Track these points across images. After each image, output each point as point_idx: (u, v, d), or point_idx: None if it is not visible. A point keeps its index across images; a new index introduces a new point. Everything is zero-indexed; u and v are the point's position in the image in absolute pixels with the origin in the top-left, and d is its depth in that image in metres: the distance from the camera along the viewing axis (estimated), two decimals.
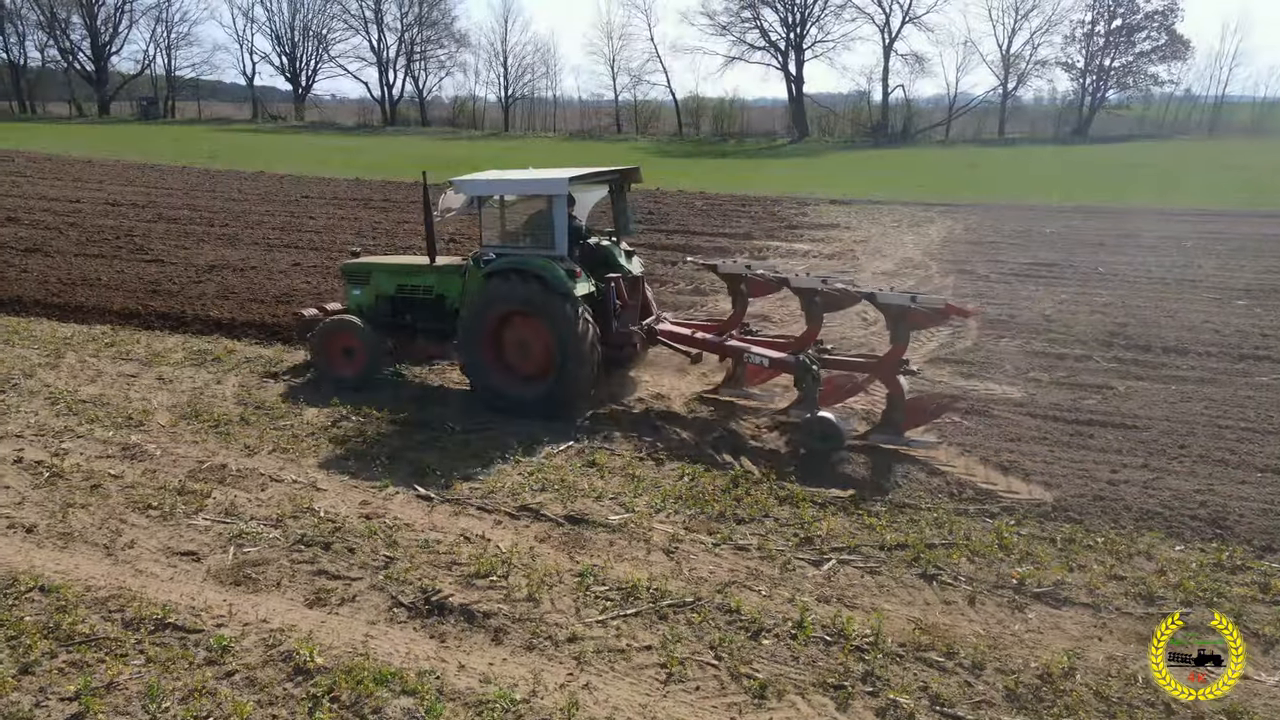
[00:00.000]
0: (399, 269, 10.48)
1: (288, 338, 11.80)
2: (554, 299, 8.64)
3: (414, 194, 29.90)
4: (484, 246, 9.36)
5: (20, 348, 11.55)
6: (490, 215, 9.44)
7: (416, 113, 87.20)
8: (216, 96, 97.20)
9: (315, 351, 10.28)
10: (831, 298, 8.94)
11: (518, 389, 9.19)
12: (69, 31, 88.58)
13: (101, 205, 25.40)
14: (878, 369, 8.61)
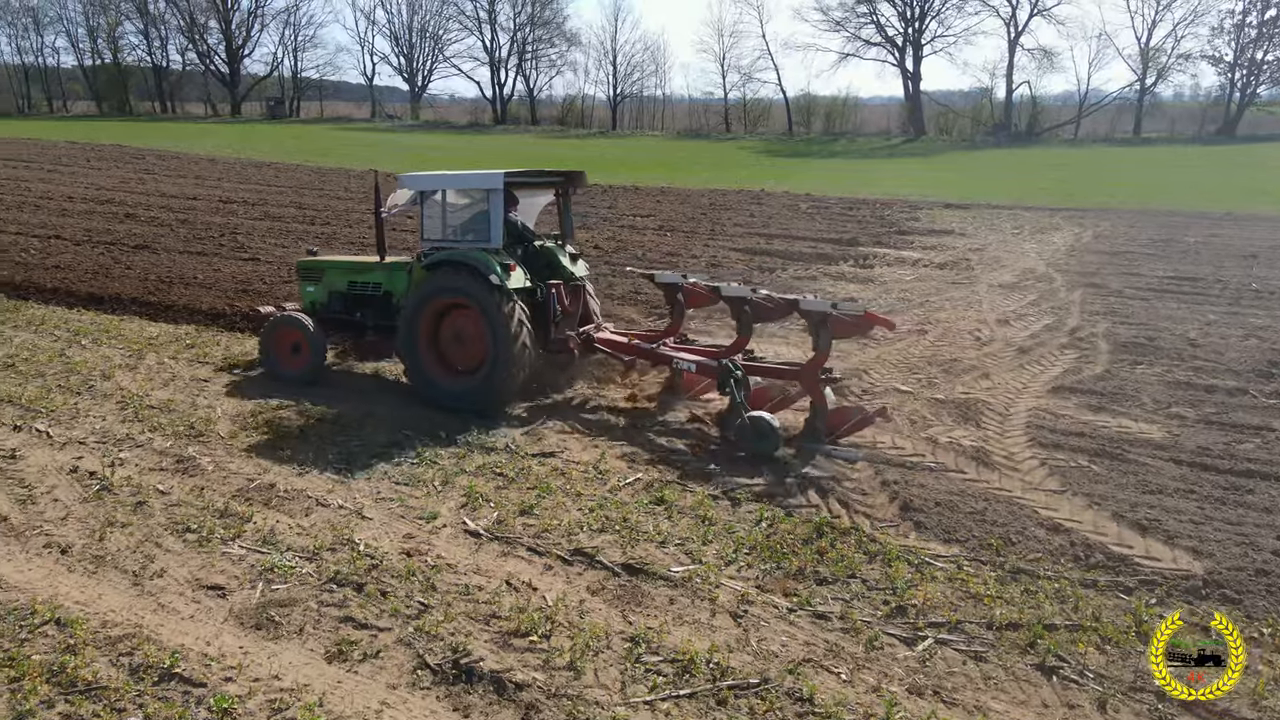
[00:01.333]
0: (350, 266, 10.66)
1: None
2: (485, 289, 8.69)
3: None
4: (424, 240, 9.58)
5: (107, 347, 11.58)
6: (432, 210, 9.50)
7: (526, 111, 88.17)
8: (338, 96, 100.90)
9: (263, 348, 10.44)
10: (761, 307, 8.93)
11: (451, 382, 9.30)
12: (206, 35, 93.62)
13: (215, 203, 26.15)
14: (800, 377, 8.53)
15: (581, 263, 10.17)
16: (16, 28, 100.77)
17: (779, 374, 8.85)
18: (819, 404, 8.35)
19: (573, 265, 9.94)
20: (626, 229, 22.37)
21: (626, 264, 16.65)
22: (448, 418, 9.12)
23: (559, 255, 9.88)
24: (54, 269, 16.39)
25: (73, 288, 14.84)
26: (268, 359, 10.41)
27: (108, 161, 37.29)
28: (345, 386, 10.29)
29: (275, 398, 9.72)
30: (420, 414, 9.20)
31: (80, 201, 25.86)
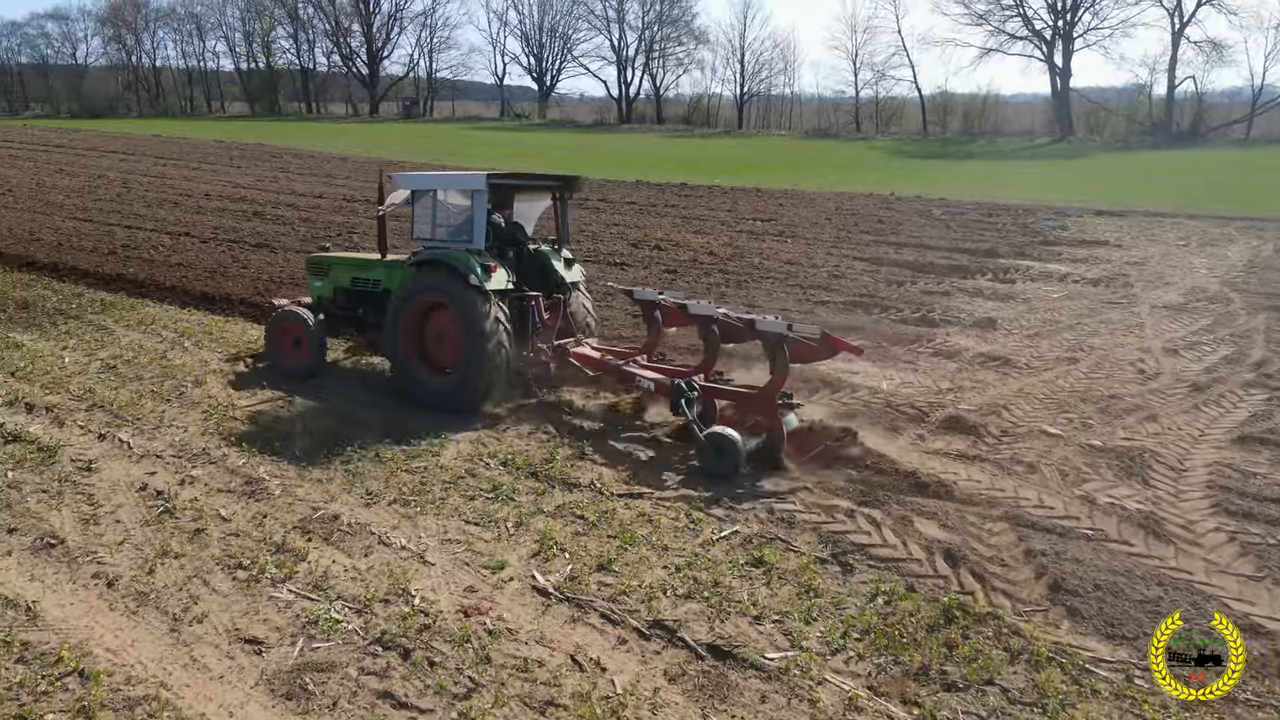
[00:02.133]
0: (353, 263, 10.86)
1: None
2: (463, 289, 8.73)
3: (634, 194, 29.13)
4: (414, 239, 9.72)
5: (207, 350, 11.47)
6: (423, 210, 9.59)
7: (652, 110, 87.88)
8: (469, 96, 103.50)
9: (267, 342, 10.72)
10: (729, 327, 8.60)
11: (431, 380, 9.39)
12: (349, 39, 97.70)
13: (338, 201, 26.62)
14: (756, 401, 8.16)
15: (577, 268, 10.17)
16: (182, 34, 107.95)
17: (738, 397, 8.43)
18: (775, 429, 7.88)
19: (567, 271, 9.94)
20: (745, 234, 21.31)
21: (737, 271, 15.68)
22: (529, 444, 8.41)
23: (553, 260, 9.91)
24: (176, 266, 16.74)
25: (189, 286, 15.01)
26: (270, 353, 10.66)
27: (249, 160, 38.92)
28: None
29: (360, 411, 9.27)
30: (497, 437, 8.53)
31: (215, 199, 26.82)
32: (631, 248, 19.34)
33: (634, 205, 26.43)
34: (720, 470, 7.65)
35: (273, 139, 51.47)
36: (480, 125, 77.89)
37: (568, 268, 9.99)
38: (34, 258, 17.17)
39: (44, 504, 7.09)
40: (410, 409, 9.35)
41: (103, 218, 22.77)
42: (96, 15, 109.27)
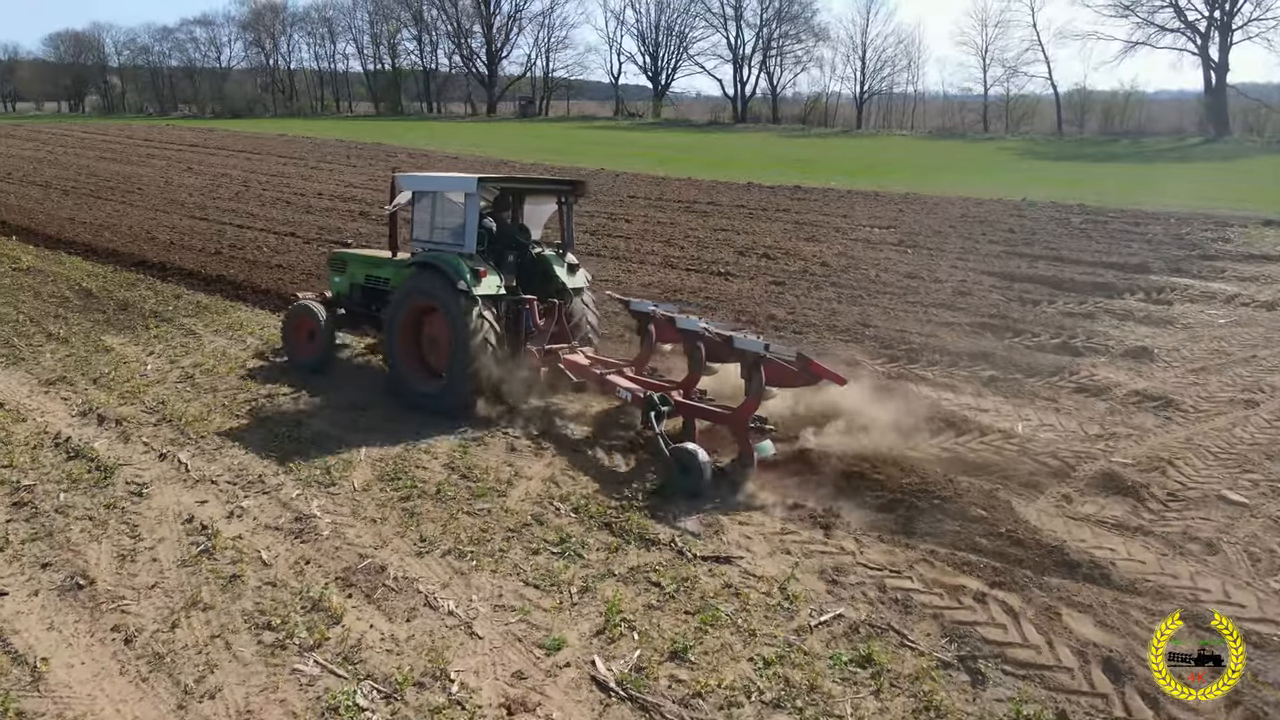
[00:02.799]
0: (367, 260, 10.91)
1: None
2: (450, 293, 8.71)
3: (744, 197, 27.99)
4: (414, 240, 9.78)
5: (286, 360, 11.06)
6: (421, 211, 9.67)
7: (768, 109, 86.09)
8: (584, 95, 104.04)
9: (283, 334, 10.91)
10: (713, 345, 8.22)
11: (423, 383, 9.35)
12: (470, 39, 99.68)
13: None
14: (729, 423, 7.79)
15: (582, 274, 10.01)
16: (315, 37, 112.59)
17: (713, 416, 8.03)
18: (745, 454, 7.51)
19: (570, 276, 9.82)
20: (860, 243, 19.87)
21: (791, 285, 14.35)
22: (606, 485, 7.49)
23: (554, 265, 9.79)
24: (275, 268, 16.66)
25: (284, 289, 14.79)
26: (285, 344, 10.88)
27: (365, 159, 39.63)
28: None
29: (429, 434, 8.56)
30: (573, 475, 7.66)
31: (326, 198, 27.13)
32: (738, 256, 18.23)
33: (743, 209, 25.27)
34: (684, 489, 7.26)
35: (390, 139, 52.57)
36: (592, 124, 77.90)
37: (571, 273, 9.86)
38: (145, 256, 17.42)
39: (86, 534, 6.62)
40: (483, 439, 8.59)
41: (217, 216, 23.23)
42: (239, 20, 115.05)
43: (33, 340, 11.77)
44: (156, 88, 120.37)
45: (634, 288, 15.12)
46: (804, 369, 7.35)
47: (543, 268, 9.81)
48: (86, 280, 15.28)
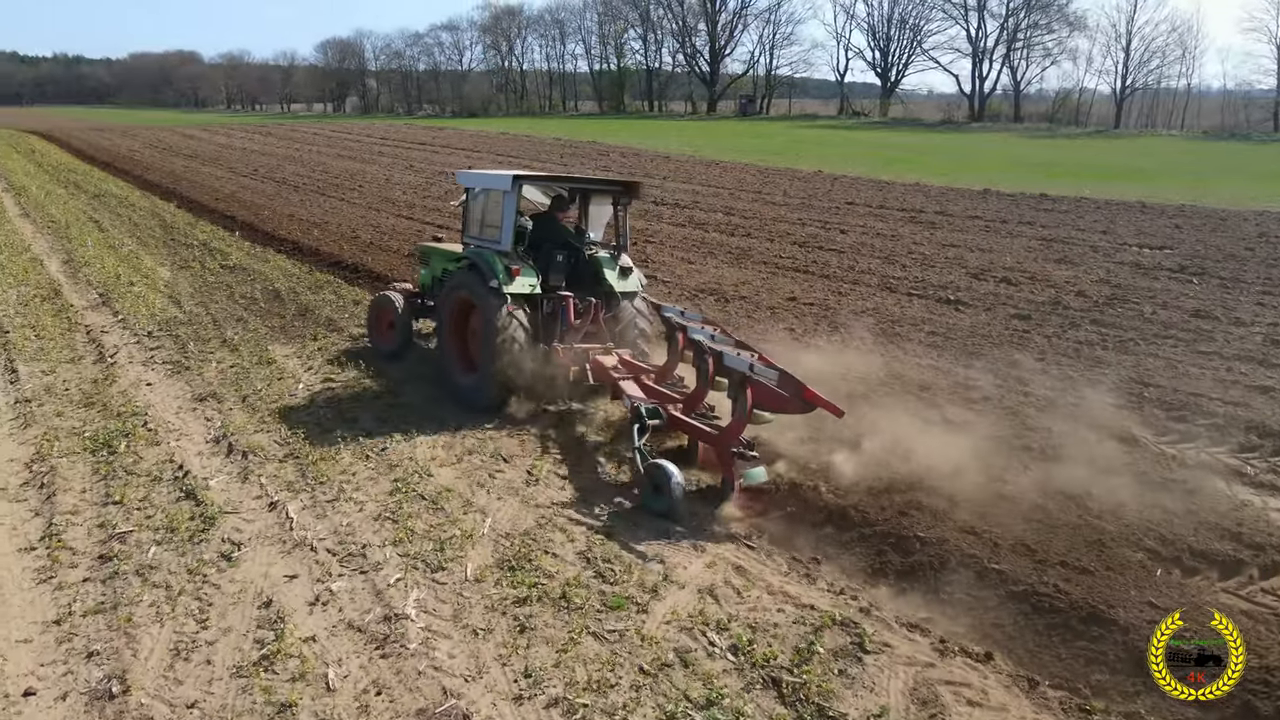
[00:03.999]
0: (446, 255, 10.77)
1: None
2: (484, 290, 8.78)
3: (979, 206, 24.79)
4: (465, 237, 9.98)
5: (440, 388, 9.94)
6: (473, 208, 9.85)
7: (1009, 107, 79.17)
8: (806, 93, 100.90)
9: (368, 324, 11.31)
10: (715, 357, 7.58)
11: (462, 376, 9.40)
12: (694, 38, 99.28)
13: (647, 204, 25.24)
14: (714, 443, 7.27)
15: (635, 277, 9.69)
16: (547, 38, 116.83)
17: (702, 435, 7.63)
18: (728, 478, 7.05)
19: (621, 280, 9.56)
20: (1127, 267, 16.43)
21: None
22: (782, 609, 5.56)
23: (606, 268, 9.55)
24: None
25: None
26: (369, 331, 11.25)
27: (575, 159, 39.42)
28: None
29: (574, 508, 7.01)
30: (738, 592, 5.78)
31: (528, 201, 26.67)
32: (971, 279, 15.49)
33: (979, 221, 22.14)
34: (655, 510, 6.87)
35: (606, 137, 52.54)
36: (814, 124, 74.84)
37: (623, 277, 9.58)
38: (341, 257, 17.27)
39: (152, 611, 5.57)
40: (637, 519, 6.92)
41: (422, 215, 23.22)
42: (480, 24, 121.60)
43: (206, 346, 11.44)
44: (406, 89, 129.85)
45: (842, 314, 12.95)
46: (796, 395, 6.77)
47: (594, 270, 9.62)
48: (281, 280, 15.17)
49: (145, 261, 16.97)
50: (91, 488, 7.36)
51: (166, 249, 18.25)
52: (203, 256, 17.31)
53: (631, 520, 6.83)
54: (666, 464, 6.96)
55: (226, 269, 16.20)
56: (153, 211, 23.42)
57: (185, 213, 23.46)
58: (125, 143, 50.61)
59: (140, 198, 26.42)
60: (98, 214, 23.03)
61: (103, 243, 18.83)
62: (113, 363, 10.75)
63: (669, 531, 6.67)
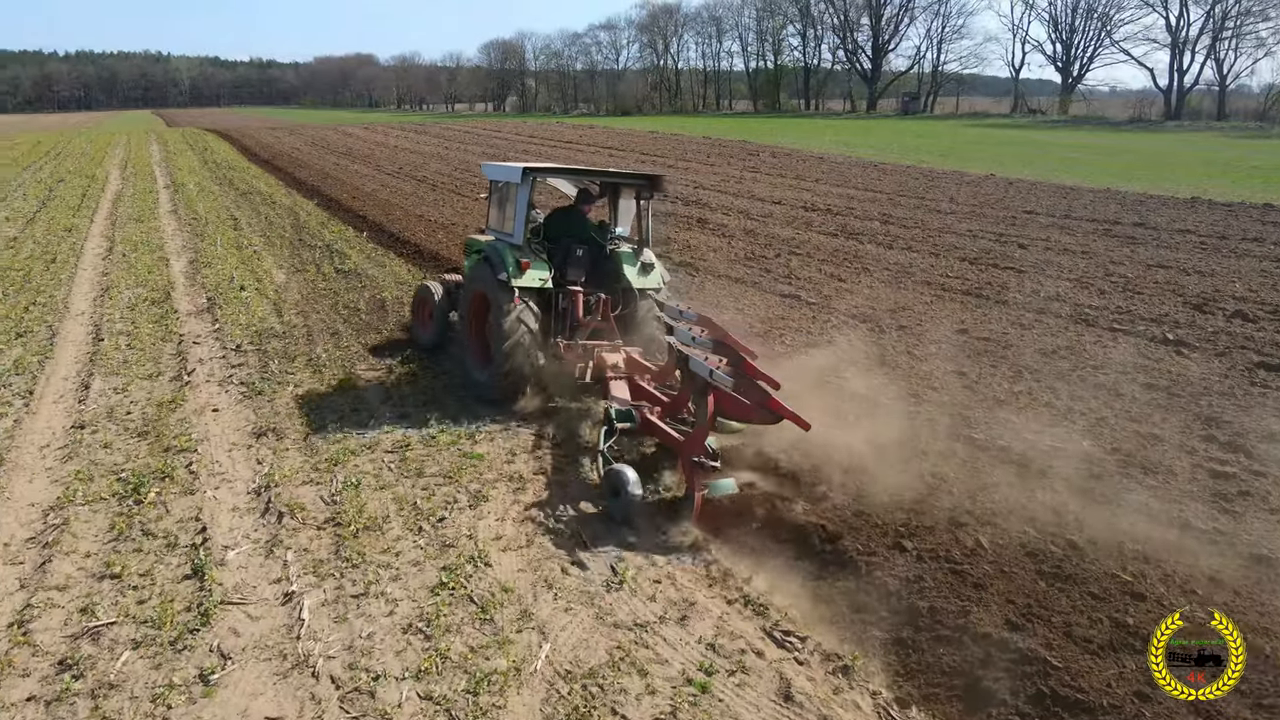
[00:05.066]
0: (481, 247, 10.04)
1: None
2: (493, 283, 8.66)
3: (1187, 217, 21.25)
4: (487, 229, 9.95)
5: (532, 436, 8.35)
6: (494, 200, 9.76)
7: (1212, 104, 71.15)
8: (975, 90, 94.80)
9: (411, 312, 11.48)
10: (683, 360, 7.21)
11: (478, 370, 9.17)
12: (856, 33, 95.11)
13: (795, 209, 23.06)
14: (679, 450, 6.93)
15: (656, 273, 9.31)
16: (703, 36, 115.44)
17: (670, 441, 7.22)
18: (690, 488, 6.53)
19: (642, 276, 9.19)
20: None
21: None
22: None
23: (626, 263, 9.21)
24: None
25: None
26: (412, 321, 11.45)
27: (723, 159, 37.50)
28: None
29: (668, 624, 5.21)
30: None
31: (669, 201, 25.02)
32: (1193, 311, 12.58)
33: (1190, 236, 18.73)
34: (614, 514, 6.56)
35: (758, 137, 50.35)
36: (983, 122, 69.73)
37: (643, 273, 9.24)
38: (459, 264, 16.12)
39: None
40: (745, 659, 5.04)
41: None
42: (637, 23, 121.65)
43: (290, 365, 10.36)
44: (563, 88, 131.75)
45: (1027, 354, 10.53)
46: (760, 405, 6.50)
47: (614, 265, 9.27)
48: (390, 289, 14.11)
49: (265, 263, 16.41)
50: (97, 551, 6.17)
51: (290, 250, 17.71)
52: (321, 259, 16.59)
53: (745, 669, 4.95)
54: (625, 469, 6.61)
55: (340, 273, 15.34)
56: (291, 210, 23.28)
57: (322, 211, 23.20)
58: (290, 140, 52.69)
59: (284, 195, 26.56)
60: (239, 211, 23.10)
61: (232, 242, 18.54)
62: (187, 381, 9.80)
63: (790, 686, 4.76)
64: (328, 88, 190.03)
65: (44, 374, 10.11)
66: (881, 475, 6.89)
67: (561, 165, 9.91)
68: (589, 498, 7.04)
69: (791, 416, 6.33)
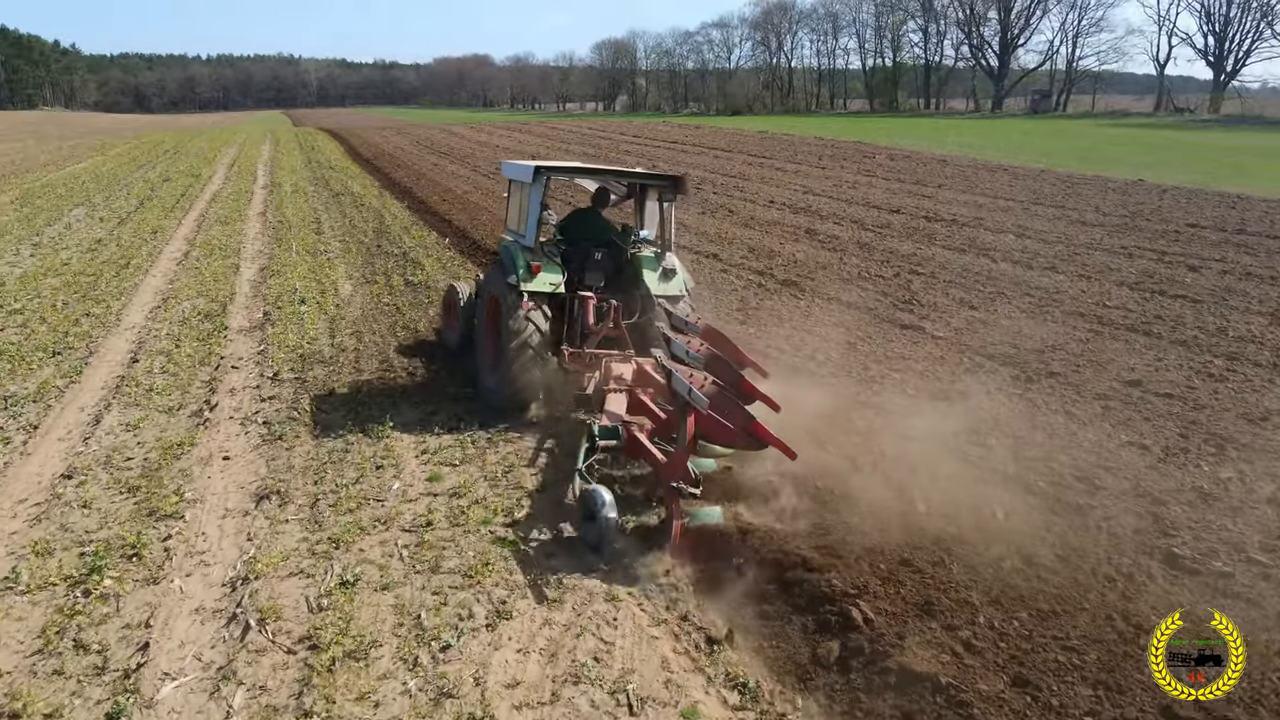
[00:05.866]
0: None
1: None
2: (503, 286, 8.44)
3: None
4: (506, 230, 9.57)
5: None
6: (512, 200, 9.45)
7: None
8: (1113, 88, 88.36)
9: (441, 312, 11.29)
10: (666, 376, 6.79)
11: (488, 376, 8.84)
12: (983, 27, 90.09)
13: (916, 219, 20.73)
14: (661, 472, 6.30)
15: (678, 280, 8.70)
16: (818, 33, 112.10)
17: (654, 462, 6.57)
18: (670, 513, 5.97)
19: (663, 282, 8.62)
20: None
21: None
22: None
23: (647, 268, 8.69)
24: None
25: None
26: (442, 322, 11.17)
27: (836, 161, 35.10)
28: None
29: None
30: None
31: (776, 207, 23.04)
32: None
33: None
34: (586, 540, 6.05)
35: (873, 137, 47.53)
36: (1123, 122, 64.51)
37: (665, 279, 8.63)
38: None
39: None
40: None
41: None
42: (751, 21, 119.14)
43: (327, 400, 9.05)
44: (673, 87, 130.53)
45: (1226, 419, 8.23)
46: (743, 429, 5.83)
47: (634, 270, 8.83)
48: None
49: (335, 272, 15.37)
50: (10, 670, 4.83)
51: (364, 258, 16.64)
52: (394, 269, 15.43)
53: None
54: (600, 491, 6.05)
55: (409, 286, 14.11)
56: (378, 213, 22.41)
57: (408, 214, 22.25)
58: (395, 140, 52.90)
59: (375, 197, 25.82)
60: (326, 214, 22.38)
61: (309, 247, 17.65)
62: (207, 419, 8.57)
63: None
64: (445, 88, 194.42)
65: (61, 402, 9.08)
66: (1045, 602, 4.97)
67: (579, 164, 9.44)
68: (621, 620, 5.32)
69: (777, 443, 5.76)
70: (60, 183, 31.17)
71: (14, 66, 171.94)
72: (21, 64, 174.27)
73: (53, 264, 16.13)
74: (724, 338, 7.50)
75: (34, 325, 11.94)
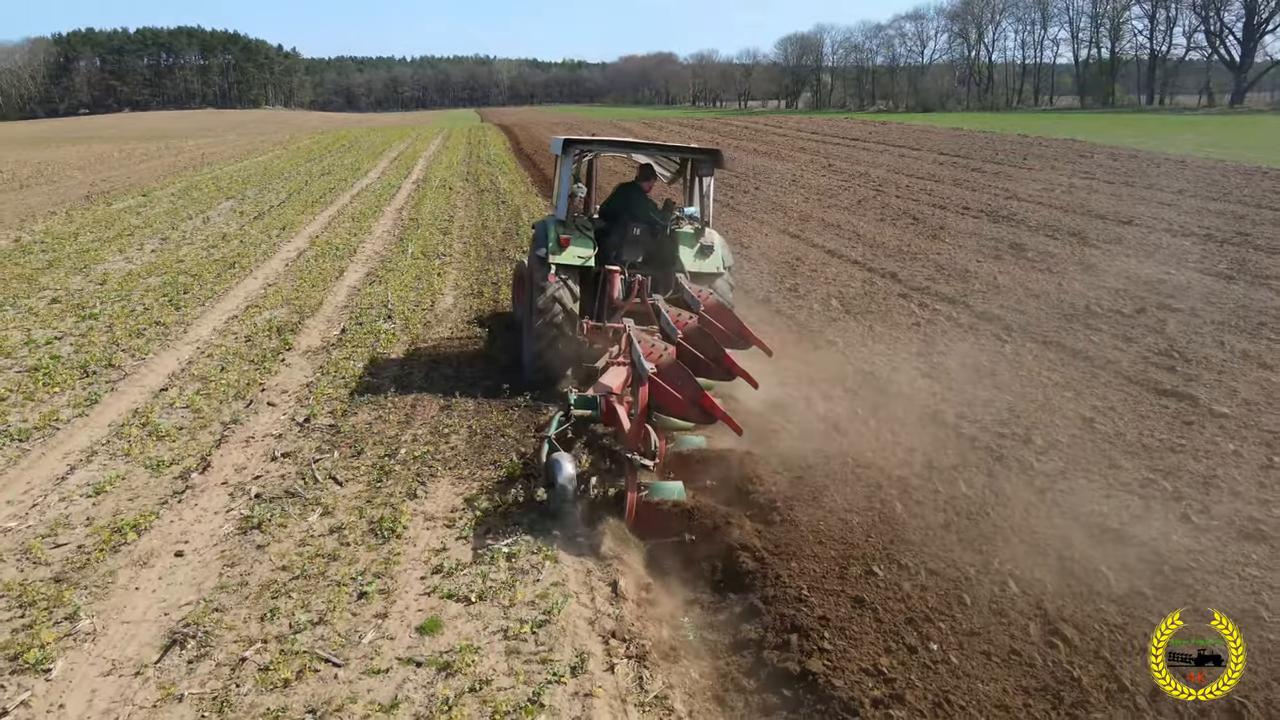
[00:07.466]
0: None
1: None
2: (534, 259, 8.48)
3: None
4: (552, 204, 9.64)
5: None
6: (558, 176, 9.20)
7: None
8: None
9: (512, 288, 11.10)
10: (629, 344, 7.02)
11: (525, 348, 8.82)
12: (1223, 11, 79.37)
13: (1158, 232, 16.50)
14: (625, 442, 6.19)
15: (716, 256, 8.59)
16: (1024, 23, 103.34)
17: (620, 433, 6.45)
18: (628, 489, 5.85)
19: (700, 259, 8.54)
20: None
21: None
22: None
23: (684, 244, 8.62)
24: (785, 331, 9.73)
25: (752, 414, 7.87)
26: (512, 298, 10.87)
27: (1045, 161, 30.31)
28: None
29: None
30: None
31: (971, 214, 19.33)
32: None
33: None
34: (548, 506, 5.96)
35: (1088, 134, 41.67)
36: None
37: (702, 256, 8.55)
38: None
39: None
40: None
41: (811, 234, 17.29)
42: (948, 11, 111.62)
43: (351, 465, 6.88)
44: (860, 84, 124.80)
45: None
46: (693, 400, 6.07)
47: (673, 245, 8.62)
48: None
49: (445, 279, 13.54)
50: None
51: (481, 263, 14.71)
52: (502, 280, 13.32)
53: None
54: (562, 459, 5.90)
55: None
56: (516, 212, 20.57)
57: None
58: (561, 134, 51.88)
59: (520, 195, 24.09)
60: (463, 211, 20.83)
61: (428, 249, 15.93)
62: (190, 485, 6.56)
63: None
64: (629, 86, 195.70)
65: (46, 446, 7.35)
66: None
67: (609, 138, 9.55)
68: None
69: (725, 418, 5.92)
70: (229, 175, 31.67)
71: (242, 69, 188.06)
72: (249, 67, 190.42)
73: (165, 261, 15.15)
74: (730, 314, 7.75)
75: (95, 335, 10.56)
